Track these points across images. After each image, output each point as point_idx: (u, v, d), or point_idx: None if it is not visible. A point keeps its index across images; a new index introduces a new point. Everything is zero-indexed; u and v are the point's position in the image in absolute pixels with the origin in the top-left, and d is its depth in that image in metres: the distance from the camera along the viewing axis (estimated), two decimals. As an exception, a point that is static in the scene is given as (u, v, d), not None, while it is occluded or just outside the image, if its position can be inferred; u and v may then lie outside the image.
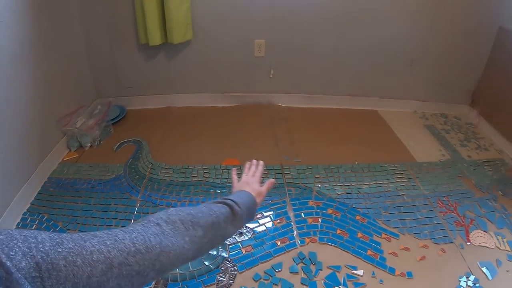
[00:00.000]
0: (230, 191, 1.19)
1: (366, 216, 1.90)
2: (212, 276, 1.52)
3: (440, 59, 2.89)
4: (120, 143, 2.47)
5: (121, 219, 1.82)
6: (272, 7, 2.60)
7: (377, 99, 3.05)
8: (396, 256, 1.70)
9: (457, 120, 3.04)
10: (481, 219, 1.96)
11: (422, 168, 2.36)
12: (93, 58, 2.71)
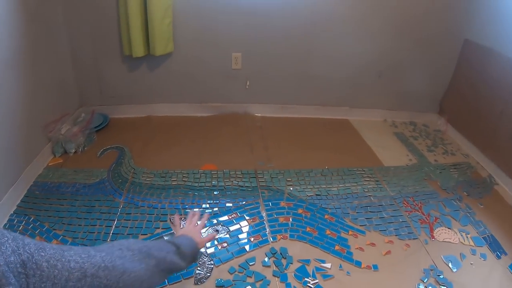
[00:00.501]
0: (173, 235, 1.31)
1: (334, 215, 2.05)
2: (190, 269, 1.65)
3: (408, 70, 3.06)
4: (103, 150, 2.57)
5: (105, 219, 1.92)
6: (248, 22, 2.75)
7: (348, 109, 3.21)
8: (362, 251, 1.84)
9: (426, 128, 3.22)
10: (445, 217, 2.12)
11: (389, 171, 2.52)
12: (78, 68, 2.81)
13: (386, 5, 2.77)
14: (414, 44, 2.94)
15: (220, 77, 2.97)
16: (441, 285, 1.67)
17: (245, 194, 2.16)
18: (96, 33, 2.70)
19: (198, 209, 2.01)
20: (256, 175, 2.36)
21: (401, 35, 2.90)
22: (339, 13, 2.78)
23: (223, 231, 1.87)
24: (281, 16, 2.75)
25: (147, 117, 3.05)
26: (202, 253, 1.73)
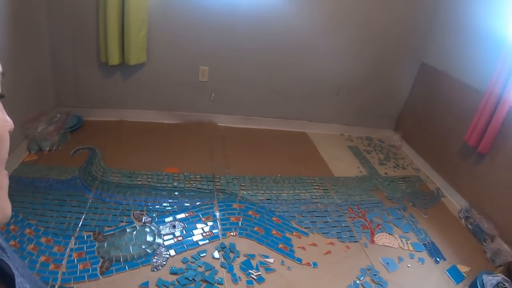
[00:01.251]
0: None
1: (281, 218, 2.31)
2: (148, 258, 1.89)
3: (365, 88, 3.31)
4: (76, 149, 2.77)
5: (75, 212, 2.14)
6: (215, 39, 3.00)
7: (306, 122, 3.47)
8: (304, 249, 2.09)
9: (381, 143, 3.46)
10: (387, 224, 2.36)
11: (339, 181, 2.77)
12: (56, 70, 2.98)
13: (349, 26, 3.02)
14: (373, 64, 3.19)
15: (188, 88, 3.20)
16: (376, 283, 1.91)
17: (202, 196, 2.42)
18: (76, 39, 2.90)
19: (155, 213, 2.25)
20: (213, 179, 2.60)
21: (361, 56, 3.15)
22: (303, 33, 3.02)
23: (179, 227, 2.12)
24: (247, 34, 3.00)
25: (119, 121, 3.25)
26: (160, 244, 1.98)
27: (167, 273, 1.83)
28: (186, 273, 1.83)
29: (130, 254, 1.89)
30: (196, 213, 2.26)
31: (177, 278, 1.79)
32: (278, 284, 1.86)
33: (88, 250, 1.89)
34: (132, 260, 1.87)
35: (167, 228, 2.10)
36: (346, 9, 2.98)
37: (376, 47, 3.12)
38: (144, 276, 1.79)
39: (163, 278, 1.79)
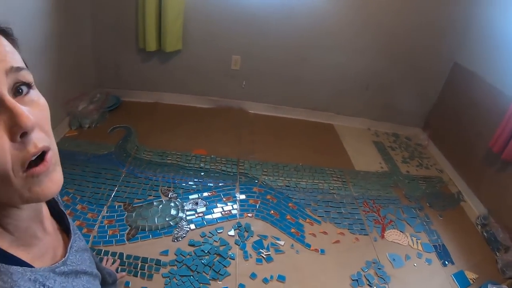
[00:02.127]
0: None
1: (297, 204, 2.42)
2: (170, 229, 2.09)
3: (396, 84, 3.28)
4: (113, 127, 2.99)
5: (109, 184, 2.36)
6: (249, 30, 3.10)
7: (334, 115, 3.51)
8: (314, 236, 2.19)
9: (407, 141, 3.39)
10: (400, 221, 2.38)
11: (358, 175, 2.80)
12: (98, 54, 3.22)
13: (381, 23, 3.02)
14: (405, 61, 3.16)
15: (220, 75, 3.34)
16: (379, 277, 1.97)
17: (225, 177, 2.58)
18: (116, 26, 3.11)
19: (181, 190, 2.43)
20: (238, 163, 2.75)
21: (392, 52, 3.14)
22: (335, 26, 3.05)
23: (201, 204, 2.30)
24: (280, 25, 3.08)
25: (154, 103, 3.45)
26: (183, 218, 2.17)
27: (186, 244, 2.01)
28: (203, 246, 2.01)
29: (154, 225, 2.10)
30: (218, 193, 2.42)
31: (194, 250, 1.98)
32: (285, 265, 1.98)
33: (118, 219, 2.12)
34: (156, 230, 2.07)
35: (190, 205, 2.29)
36: (378, 5, 2.99)
37: (407, 44, 3.11)
38: (165, 245, 1.99)
39: (181, 248, 1.98)
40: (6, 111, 0.47)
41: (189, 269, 1.87)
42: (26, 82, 0.52)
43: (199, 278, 1.83)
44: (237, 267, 1.93)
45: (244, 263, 1.97)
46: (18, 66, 0.51)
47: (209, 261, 1.92)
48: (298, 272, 1.96)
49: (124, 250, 1.93)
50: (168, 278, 1.82)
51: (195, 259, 1.93)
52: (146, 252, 1.94)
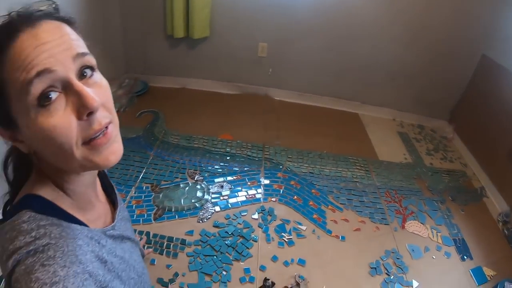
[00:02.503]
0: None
1: (320, 191, 2.43)
2: (196, 211, 2.15)
3: (422, 76, 3.21)
4: (141, 112, 3.07)
5: (137, 166, 2.44)
6: (276, 17, 3.10)
7: (359, 104, 3.48)
8: (336, 223, 2.20)
9: (432, 133, 3.32)
10: (422, 213, 2.36)
11: (382, 165, 2.78)
12: (126, 40, 3.29)
13: (409, 13, 2.96)
14: (431, 52, 3.09)
15: (247, 62, 3.37)
16: (397, 266, 1.97)
17: (250, 162, 2.62)
18: (145, 14, 3.18)
19: (207, 173, 2.48)
20: (263, 148, 2.78)
21: (419, 43, 3.07)
22: (362, 15, 3.02)
23: (226, 187, 2.35)
24: (308, 12, 3.06)
25: (182, 88, 3.52)
26: (208, 200, 2.23)
27: (211, 225, 2.07)
28: (227, 227, 2.06)
29: (180, 206, 2.16)
30: (243, 177, 2.46)
31: (218, 231, 2.03)
32: (306, 249, 2.01)
33: (145, 199, 2.19)
34: (182, 211, 2.14)
35: (216, 188, 2.34)
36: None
37: (434, 35, 3.03)
38: (190, 225, 2.06)
39: (206, 229, 2.03)
40: (75, 94, 0.54)
41: (213, 249, 1.93)
42: (90, 66, 0.60)
43: (222, 258, 1.89)
44: (259, 249, 1.98)
45: (266, 245, 2.01)
46: (83, 52, 0.58)
47: (233, 242, 1.98)
48: (318, 257, 1.98)
49: (151, 229, 2.01)
50: (192, 257, 1.89)
51: (219, 240, 1.98)
52: (171, 231, 2.01)
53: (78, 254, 0.59)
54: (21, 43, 0.52)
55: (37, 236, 0.57)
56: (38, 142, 0.56)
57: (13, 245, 0.56)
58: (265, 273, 1.85)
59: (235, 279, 1.81)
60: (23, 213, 0.59)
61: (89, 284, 0.57)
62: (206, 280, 1.79)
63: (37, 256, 0.54)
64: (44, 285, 0.51)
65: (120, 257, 0.73)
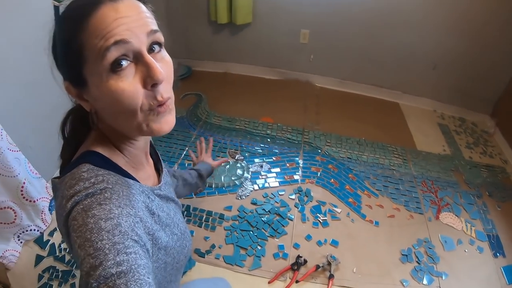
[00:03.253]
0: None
1: (357, 176, 2.46)
2: (235, 188, 2.24)
3: (464, 66, 3.11)
4: (185, 94, 3.19)
5: (180, 144, 2.57)
6: (318, 5, 3.10)
7: (400, 93, 3.42)
8: (370, 208, 2.23)
9: (473, 126, 3.23)
10: (457, 206, 2.32)
11: (420, 155, 2.74)
12: (170, 26, 3.39)
13: (453, 4, 2.86)
14: (475, 41, 2.97)
15: (289, 48, 3.39)
16: (428, 256, 1.96)
17: (290, 145, 2.67)
18: (189, 0, 3.27)
19: (247, 154, 2.56)
20: (303, 132, 2.83)
21: (464, 33, 2.96)
22: (405, 5, 2.95)
23: (266, 167, 2.42)
24: (350, 1, 3.04)
25: (224, 73, 3.60)
26: (247, 178, 2.31)
27: (249, 202, 2.15)
28: (264, 205, 2.14)
29: (221, 183, 2.26)
30: (283, 158, 2.53)
31: (256, 208, 2.12)
32: (339, 231, 2.06)
33: (188, 175, 2.28)
34: (222, 188, 2.24)
35: (255, 167, 2.42)
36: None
37: (479, 23, 2.90)
38: (229, 202, 2.15)
39: (244, 206, 2.12)
40: (144, 65, 0.61)
41: (250, 224, 2.02)
42: (159, 42, 0.66)
43: (258, 234, 1.97)
44: (294, 228, 2.04)
45: (301, 224, 2.07)
46: (155, 29, 0.65)
47: (269, 220, 2.05)
48: (351, 239, 2.02)
49: (191, 203, 2.12)
50: (229, 231, 1.98)
51: (256, 217, 2.06)
52: (211, 206, 2.11)
53: (131, 200, 0.65)
54: (102, 13, 0.58)
55: (96, 182, 0.63)
56: (105, 102, 0.63)
57: (73, 189, 0.62)
58: (298, 251, 1.92)
59: (269, 254, 1.89)
60: (82, 166, 0.66)
61: (139, 227, 0.63)
62: (241, 253, 1.89)
63: (95, 197, 0.60)
64: (100, 220, 0.57)
65: (166, 213, 0.79)
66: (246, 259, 1.86)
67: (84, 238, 0.56)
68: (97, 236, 0.55)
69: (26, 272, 1.79)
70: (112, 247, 0.55)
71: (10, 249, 1.79)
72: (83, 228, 0.57)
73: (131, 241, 0.58)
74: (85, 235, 0.56)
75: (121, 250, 0.56)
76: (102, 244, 0.55)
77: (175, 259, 0.81)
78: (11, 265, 1.78)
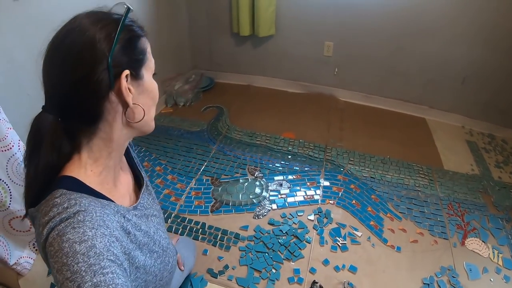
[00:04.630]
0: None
1: (380, 197, 2.36)
2: (253, 207, 2.19)
3: (495, 81, 2.98)
4: (206, 107, 3.18)
5: (199, 159, 2.54)
6: (342, 15, 3.04)
7: (427, 108, 3.31)
8: (393, 232, 2.13)
9: (503, 144, 3.07)
10: (484, 231, 2.20)
11: (447, 175, 2.62)
12: (193, 38, 3.43)
13: (484, 9, 2.74)
14: (507, 56, 2.85)
15: (312, 61, 3.35)
16: (451, 285, 1.85)
17: (311, 163, 2.61)
18: (211, 12, 3.29)
19: (267, 171, 2.51)
20: (325, 149, 2.76)
21: (494, 45, 2.85)
22: (432, 10, 2.85)
23: (285, 186, 2.36)
24: (374, 12, 2.97)
25: (247, 85, 3.59)
26: (266, 197, 2.26)
27: (266, 222, 2.09)
28: (282, 226, 2.07)
29: (238, 201, 2.21)
30: (303, 177, 2.46)
31: (273, 229, 2.05)
32: (359, 256, 1.97)
33: (205, 191, 2.27)
34: (239, 206, 2.19)
35: (275, 185, 2.36)
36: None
37: (511, 35, 2.77)
38: (246, 221, 2.10)
39: (261, 226, 2.06)
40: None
41: (266, 246, 1.95)
42: None
43: (274, 256, 1.90)
44: (312, 251, 1.97)
45: (319, 248, 1.99)
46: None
47: (286, 242, 1.98)
48: (371, 265, 1.94)
49: (207, 221, 2.08)
50: (244, 252, 1.93)
51: (273, 238, 2.00)
52: (227, 225, 2.07)
53: (105, 220, 0.68)
54: (144, 41, 0.80)
55: (68, 206, 0.65)
56: (150, 95, 0.81)
57: (48, 216, 0.64)
58: (314, 276, 1.84)
59: (283, 278, 1.82)
60: (56, 192, 0.68)
61: (115, 246, 0.66)
62: (255, 276, 1.82)
63: (68, 221, 0.63)
64: (74, 244, 0.60)
65: (144, 231, 0.81)
66: (260, 282, 1.80)
67: (61, 263, 0.58)
68: (73, 259, 0.58)
69: (39, 280, 1.79)
70: (88, 268, 0.58)
71: (25, 256, 1.81)
72: (59, 253, 0.60)
73: (107, 261, 0.61)
74: (61, 259, 0.59)
75: (97, 271, 0.58)
76: (78, 267, 0.58)
77: (157, 277, 0.85)
78: (24, 272, 1.79)
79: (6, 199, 1.63)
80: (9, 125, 1.58)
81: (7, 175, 1.62)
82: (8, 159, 1.59)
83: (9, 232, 1.73)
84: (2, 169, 1.59)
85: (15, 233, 1.75)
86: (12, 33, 1.65)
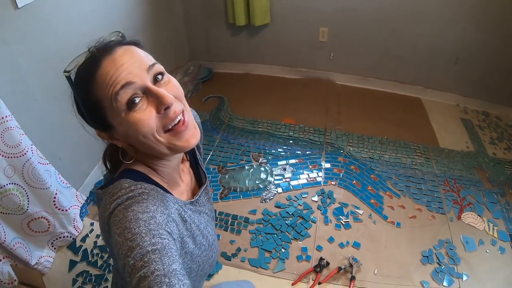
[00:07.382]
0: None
1: (379, 177, 2.46)
2: (259, 191, 2.30)
3: (487, 59, 3.01)
4: (207, 97, 3.25)
5: (204, 149, 2.59)
6: (335, 3, 3.07)
7: (422, 88, 3.35)
8: (392, 209, 2.23)
9: (497, 120, 3.12)
10: (480, 205, 2.26)
11: (442, 153, 2.69)
12: (190, 30, 3.47)
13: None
14: (498, 34, 2.88)
15: (308, 47, 3.40)
16: (449, 257, 1.94)
17: (312, 146, 2.71)
18: (206, 3, 3.33)
19: (270, 156, 2.61)
20: (325, 133, 2.85)
21: (485, 25, 2.88)
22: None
23: (289, 170, 2.47)
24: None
25: (245, 74, 3.64)
26: (271, 182, 2.37)
27: (273, 205, 2.21)
28: (288, 208, 2.19)
29: (245, 187, 2.33)
30: (305, 160, 2.56)
31: (280, 211, 2.17)
32: (361, 233, 2.09)
33: (212, 180, 2.38)
34: (246, 191, 2.30)
35: (279, 170, 2.47)
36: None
37: (501, 15, 2.81)
38: (253, 205, 2.21)
39: (268, 209, 2.18)
40: (153, 96, 0.71)
41: (274, 228, 2.07)
42: (160, 72, 0.75)
43: (282, 237, 2.02)
44: (317, 230, 2.08)
45: (324, 227, 2.11)
46: (152, 63, 0.74)
47: (293, 222, 2.10)
48: (373, 241, 2.05)
49: (217, 208, 2.19)
50: (254, 234, 2.05)
51: (280, 220, 2.11)
52: (236, 210, 2.18)
53: (166, 204, 0.76)
54: (104, 68, 0.68)
55: (135, 189, 0.73)
56: (130, 135, 0.72)
57: (115, 195, 0.72)
58: (321, 253, 1.96)
59: (292, 256, 1.95)
60: (123, 180, 0.76)
61: (172, 226, 0.73)
62: (266, 256, 1.95)
63: (134, 199, 0.71)
64: (137, 213, 0.68)
65: (197, 224, 0.88)
66: (271, 262, 1.92)
67: (124, 227, 0.66)
68: (135, 224, 0.66)
69: (61, 276, 1.90)
70: (148, 231, 0.65)
71: (44, 255, 1.90)
72: (123, 220, 0.67)
73: (165, 231, 0.68)
74: (124, 224, 0.66)
75: (156, 235, 0.65)
76: (139, 229, 0.65)
77: (200, 267, 0.90)
78: (46, 270, 1.88)
79: (24, 203, 1.71)
80: (21, 131, 1.65)
81: (24, 180, 1.69)
82: (23, 164, 1.66)
83: (28, 234, 1.82)
84: (19, 174, 1.67)
85: (34, 234, 1.84)
86: (16, 42, 1.68)
